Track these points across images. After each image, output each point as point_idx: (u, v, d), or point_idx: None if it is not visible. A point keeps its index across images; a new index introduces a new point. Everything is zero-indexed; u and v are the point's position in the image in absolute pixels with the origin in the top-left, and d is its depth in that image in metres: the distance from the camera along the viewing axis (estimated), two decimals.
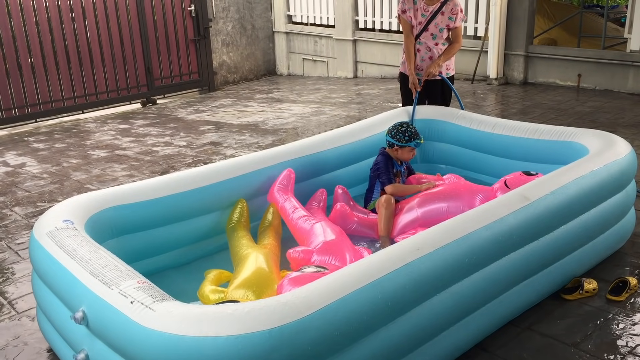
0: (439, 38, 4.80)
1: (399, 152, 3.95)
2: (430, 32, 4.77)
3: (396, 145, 3.93)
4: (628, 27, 7.58)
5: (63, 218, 2.89)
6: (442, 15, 4.73)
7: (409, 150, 3.94)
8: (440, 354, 2.68)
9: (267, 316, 2.07)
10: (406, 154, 3.96)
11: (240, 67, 11.55)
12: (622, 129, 6.06)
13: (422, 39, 4.81)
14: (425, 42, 4.81)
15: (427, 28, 4.76)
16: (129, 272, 2.42)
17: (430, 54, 4.83)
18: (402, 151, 3.94)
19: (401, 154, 3.95)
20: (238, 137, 7.02)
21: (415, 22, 4.78)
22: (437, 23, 4.75)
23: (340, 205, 3.80)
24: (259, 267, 2.91)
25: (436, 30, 4.76)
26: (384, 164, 3.94)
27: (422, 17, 4.75)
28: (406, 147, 3.92)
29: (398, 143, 3.91)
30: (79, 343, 2.48)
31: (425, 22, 4.75)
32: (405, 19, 4.85)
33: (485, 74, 8.80)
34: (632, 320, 3.04)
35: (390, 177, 3.90)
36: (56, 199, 5.19)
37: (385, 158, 3.97)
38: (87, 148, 6.98)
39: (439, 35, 4.79)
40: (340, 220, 3.72)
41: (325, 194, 3.96)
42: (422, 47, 4.83)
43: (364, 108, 8.12)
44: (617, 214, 3.53)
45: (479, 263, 2.72)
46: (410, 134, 3.91)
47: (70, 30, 8.84)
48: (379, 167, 3.94)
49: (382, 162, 3.95)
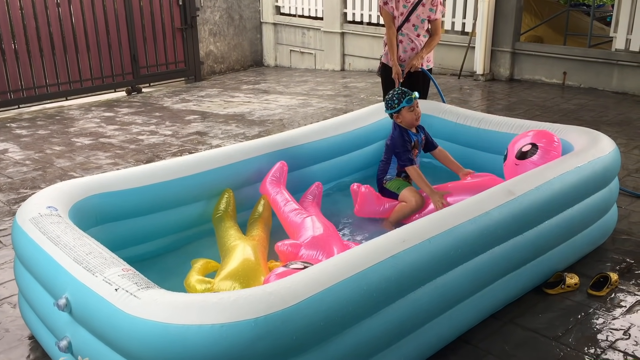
0: (421, 29, 4.86)
1: (402, 118, 3.91)
2: (412, 23, 4.82)
3: (394, 113, 3.92)
4: (614, 26, 7.65)
5: (47, 205, 2.86)
6: (423, 7, 4.80)
7: (407, 110, 3.89)
8: (424, 345, 2.70)
9: (252, 305, 2.07)
10: (409, 115, 3.90)
11: (227, 58, 11.48)
12: (605, 127, 6.12)
13: (404, 30, 4.86)
14: (407, 33, 4.85)
15: (408, 19, 4.81)
16: (113, 260, 2.41)
17: (412, 45, 4.88)
18: (403, 115, 3.90)
19: (404, 117, 3.91)
20: (224, 128, 6.98)
21: (397, 13, 4.83)
22: (419, 14, 4.80)
23: (365, 187, 3.84)
24: (246, 258, 2.90)
25: (418, 21, 4.81)
26: (401, 140, 3.90)
27: (403, 8, 4.81)
28: (403, 109, 3.88)
29: (391, 110, 3.91)
30: (62, 330, 2.46)
31: (407, 13, 4.81)
32: (387, 10, 4.89)
33: (472, 70, 8.83)
34: (612, 315, 3.08)
35: (410, 156, 3.88)
36: (39, 185, 5.13)
37: (399, 131, 3.93)
38: (71, 135, 6.90)
39: (421, 26, 4.84)
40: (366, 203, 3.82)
41: (320, 187, 3.95)
42: (404, 39, 4.87)
43: (350, 101, 8.12)
44: (600, 210, 3.57)
45: (463, 256, 2.74)
46: (397, 96, 3.89)
47: (55, 16, 8.72)
48: (396, 145, 3.92)
49: (398, 137, 3.92)
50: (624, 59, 7.56)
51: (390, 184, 3.96)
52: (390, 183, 3.97)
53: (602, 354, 2.78)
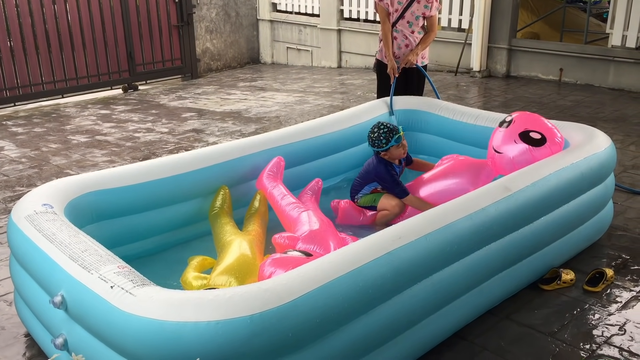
0: (415, 26, 4.86)
1: (390, 154, 3.85)
2: (407, 20, 4.82)
3: (381, 151, 3.85)
4: (610, 23, 7.65)
5: (42, 202, 2.86)
6: (418, 4, 4.80)
7: (395, 148, 3.83)
8: (420, 341, 2.70)
9: (248, 302, 2.07)
10: (397, 152, 3.85)
11: (224, 55, 11.45)
12: (602, 123, 6.13)
13: (398, 27, 4.86)
14: (402, 29, 4.85)
15: (403, 15, 4.81)
16: (109, 257, 2.40)
17: (407, 41, 4.88)
18: (391, 152, 3.84)
19: (392, 154, 3.85)
20: (221, 125, 6.97)
21: (392, 9, 4.83)
22: (413, 11, 4.80)
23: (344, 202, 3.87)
24: (242, 253, 2.90)
25: (412, 18, 4.81)
26: (389, 176, 3.81)
27: (398, 5, 4.81)
28: (391, 147, 3.83)
29: (380, 149, 3.83)
30: (58, 328, 2.46)
31: (402, 9, 4.81)
32: (382, 6, 4.89)
33: (469, 67, 8.83)
34: (607, 310, 3.09)
35: (403, 187, 3.79)
36: (35, 183, 5.12)
37: (385, 167, 3.84)
38: (67, 133, 6.89)
39: (415, 23, 4.84)
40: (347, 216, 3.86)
41: (320, 183, 3.95)
42: (399, 35, 4.87)
43: (347, 98, 8.11)
44: (596, 207, 3.58)
45: (459, 252, 2.74)
46: (385, 134, 3.78)
47: (50, 13, 8.69)
48: (385, 180, 3.82)
49: (385, 173, 3.82)
50: (621, 56, 7.56)
51: (364, 200, 3.91)
52: (363, 199, 3.91)
53: (598, 349, 2.79)
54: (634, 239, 3.82)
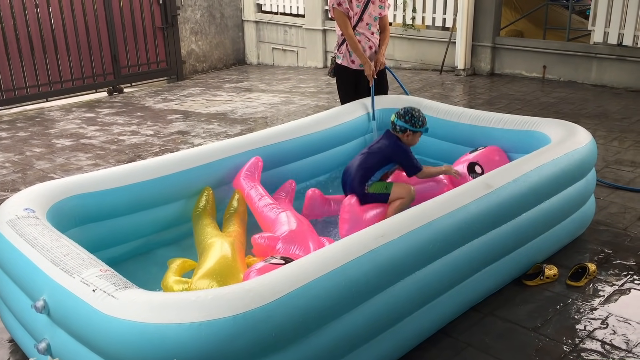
0: (374, 27, 4.87)
1: (410, 138, 3.83)
2: (366, 22, 4.81)
3: (409, 130, 3.80)
4: (592, 20, 7.71)
5: (24, 206, 2.84)
6: (373, 4, 4.80)
7: (418, 135, 3.86)
8: (405, 339, 2.72)
9: (231, 302, 2.08)
10: (416, 139, 3.87)
11: (209, 56, 11.43)
12: (584, 120, 6.18)
13: (359, 30, 4.82)
14: (362, 32, 4.82)
15: (362, 18, 4.79)
16: (91, 261, 2.40)
17: (370, 43, 4.86)
18: (414, 136, 3.84)
19: (412, 139, 3.84)
20: (206, 127, 6.96)
21: (352, 13, 4.78)
22: (371, 12, 4.81)
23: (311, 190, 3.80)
24: (223, 255, 2.89)
25: (371, 19, 4.83)
26: (409, 151, 3.82)
27: (357, 8, 4.78)
28: (418, 132, 3.83)
29: (412, 128, 3.80)
30: (40, 332, 2.45)
31: (359, 12, 4.78)
32: (341, 11, 4.78)
33: (453, 65, 8.87)
34: (590, 305, 3.12)
35: (419, 162, 3.83)
36: (18, 188, 5.08)
37: (404, 144, 3.83)
38: (51, 137, 6.85)
39: (374, 24, 4.86)
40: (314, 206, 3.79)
41: (294, 184, 3.95)
42: (361, 38, 4.83)
43: (333, 98, 8.11)
44: (578, 202, 3.61)
45: (442, 250, 2.76)
46: (423, 119, 3.83)
47: (33, 17, 8.62)
48: (407, 156, 3.80)
49: (406, 148, 3.81)
50: (603, 52, 7.63)
51: (374, 187, 3.79)
52: (374, 186, 3.79)
53: (581, 343, 2.82)
54: (616, 233, 3.86)
